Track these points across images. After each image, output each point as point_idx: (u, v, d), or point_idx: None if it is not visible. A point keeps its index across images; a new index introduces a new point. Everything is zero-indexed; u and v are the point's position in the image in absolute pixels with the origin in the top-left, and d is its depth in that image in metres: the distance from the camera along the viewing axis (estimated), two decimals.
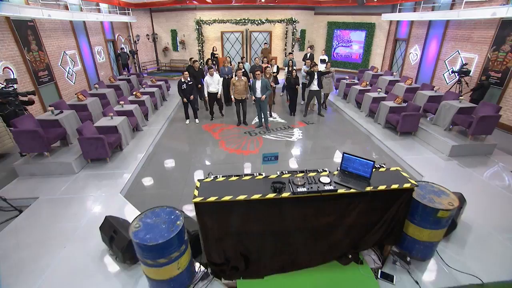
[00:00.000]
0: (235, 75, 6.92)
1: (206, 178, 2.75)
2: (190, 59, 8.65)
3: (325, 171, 2.92)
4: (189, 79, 6.97)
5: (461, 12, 7.38)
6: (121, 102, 6.55)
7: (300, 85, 8.68)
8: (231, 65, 8.96)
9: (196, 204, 2.46)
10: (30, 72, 7.15)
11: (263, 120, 6.96)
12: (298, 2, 12.61)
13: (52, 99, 7.73)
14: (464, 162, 5.19)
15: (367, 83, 8.74)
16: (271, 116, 7.95)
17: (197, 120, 7.57)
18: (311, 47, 11.21)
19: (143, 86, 8.37)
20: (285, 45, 13.66)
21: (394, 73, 9.69)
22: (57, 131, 5.20)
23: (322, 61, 10.78)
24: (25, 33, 7.05)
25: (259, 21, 11.67)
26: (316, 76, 7.45)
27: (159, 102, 8.52)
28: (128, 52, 12.51)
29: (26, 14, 6.40)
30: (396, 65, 12.10)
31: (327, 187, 2.56)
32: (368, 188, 2.60)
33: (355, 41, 13.41)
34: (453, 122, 6.01)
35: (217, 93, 7.15)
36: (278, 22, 11.87)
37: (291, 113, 8.10)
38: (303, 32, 13.84)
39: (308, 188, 2.53)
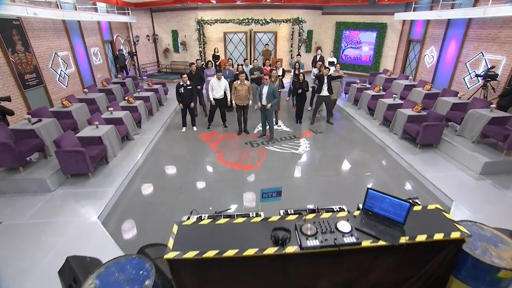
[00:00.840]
0: (238, 79, 6.30)
1: (187, 220, 2.10)
2: (196, 60, 8.04)
3: (343, 210, 2.24)
4: (188, 83, 6.37)
5: (488, 9, 6.62)
6: (110, 109, 5.97)
7: (310, 90, 8.03)
8: (233, 67, 8.33)
9: (169, 261, 1.82)
10: (14, 75, 6.62)
11: (267, 129, 6.29)
12: (305, 1, 11.93)
13: (41, 104, 7.19)
14: (500, 182, 4.44)
15: (380, 87, 8.01)
16: (276, 123, 7.29)
17: (194, 128, 6.95)
18: (319, 48, 10.54)
19: (138, 90, 7.79)
20: (291, 46, 13.01)
21: (410, 77, 8.93)
22: (33, 142, 4.62)
23: (331, 63, 10.10)
24: (9, 32, 6.53)
25: (263, 21, 11.04)
26: (326, 81, 6.77)
27: (155, 107, 7.93)
28: (126, 53, 11.99)
29: (8, 12, 5.87)
30: (409, 68, 11.33)
31: (347, 239, 1.89)
32: (403, 240, 1.92)
33: (365, 42, 12.67)
34: (483, 134, 5.26)
35: (222, 99, 6.52)
36: (283, 22, 11.22)
37: (297, 121, 7.42)
38: (310, 33, 13.16)
39: (321, 241, 1.87)
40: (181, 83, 6.33)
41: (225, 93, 6.49)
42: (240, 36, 13.15)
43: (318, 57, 10.24)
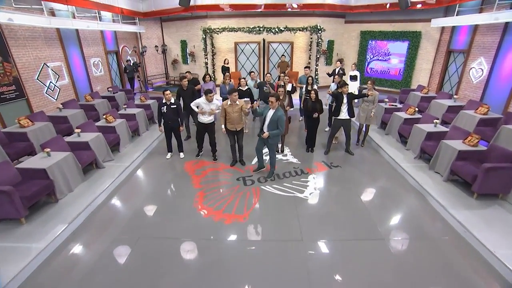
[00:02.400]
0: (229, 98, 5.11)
1: None
2: (187, 72, 7.01)
3: None
4: (172, 101, 5.25)
5: None
6: (77, 130, 4.96)
7: (327, 106, 6.64)
8: (231, 81, 7.19)
9: None
10: None
11: (267, 162, 4.92)
12: (325, 8, 10.63)
13: None
14: None
15: (415, 109, 6.40)
16: (282, 151, 5.92)
17: (181, 155, 5.76)
18: (341, 60, 9.13)
19: (125, 106, 6.81)
20: (309, 58, 11.67)
21: (455, 96, 7.20)
22: None
23: (353, 78, 8.66)
24: None
25: (277, 29, 9.86)
26: (345, 100, 5.35)
27: (143, 127, 6.90)
28: (132, 64, 11.34)
29: None
30: (448, 84, 9.52)
31: None
32: None
33: (395, 53, 11.05)
34: None
35: (211, 124, 5.26)
36: (299, 30, 9.96)
37: (308, 149, 5.99)
38: (330, 43, 11.79)
39: None
40: (163, 101, 5.22)
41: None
42: (252, 47, 12.09)
43: (337, 70, 8.88)
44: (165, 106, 5.20)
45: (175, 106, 5.22)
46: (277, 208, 4.05)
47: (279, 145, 6.03)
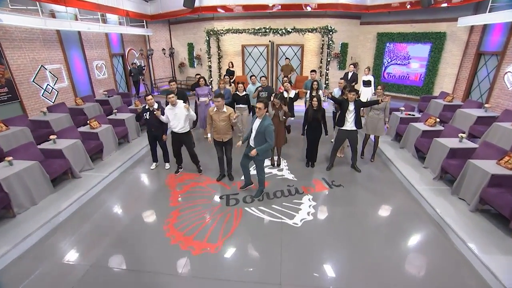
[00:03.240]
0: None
1: None
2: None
3: None
4: (156, 106, 4.76)
5: None
6: (52, 137, 4.58)
7: (331, 114, 5.96)
8: (231, 86, 6.63)
9: None
10: None
11: (257, 179, 4.27)
12: (339, 8, 9.87)
13: None
14: None
15: (437, 119, 5.50)
16: (278, 165, 5.25)
17: (167, 165, 5.25)
18: (355, 64, 8.34)
19: (115, 111, 6.43)
20: (321, 62, 10.91)
21: (487, 105, 6.18)
22: None
23: (366, 83, 7.85)
24: None
25: (284, 31, 9.23)
26: (352, 108, 4.61)
27: (134, 133, 6.48)
28: (137, 67, 11.14)
29: None
30: (477, 90, 8.42)
31: None
32: None
33: (415, 57, 10.05)
34: None
35: (185, 133, 4.67)
36: (308, 31, 9.26)
37: (308, 163, 5.28)
38: (344, 46, 10.98)
39: None
40: (146, 106, 4.74)
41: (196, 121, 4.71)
42: (260, 50, 11.54)
43: (350, 75, 8.11)
44: (148, 112, 4.71)
45: (158, 110, 4.72)
46: (258, 237, 3.38)
47: (275, 158, 5.36)
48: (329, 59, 9.53)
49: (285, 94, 5.87)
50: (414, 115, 6.31)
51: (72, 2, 7.43)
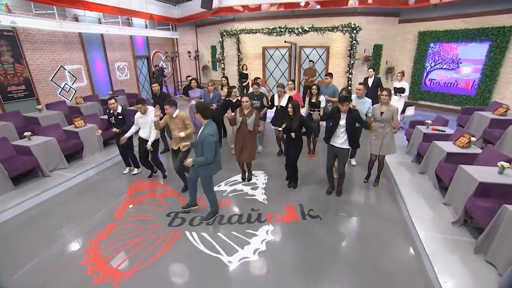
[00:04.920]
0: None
1: None
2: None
3: None
4: (119, 111, 4.51)
5: None
6: (26, 133, 4.63)
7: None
8: (222, 89, 6.11)
9: None
10: None
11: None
12: (374, 2, 8.56)
13: None
14: None
15: (471, 138, 4.12)
16: (248, 180, 4.53)
17: (135, 170, 4.96)
18: (371, 68, 6.94)
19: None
20: (348, 66, 9.66)
21: None
22: None
23: (398, 91, 6.47)
24: None
25: (300, 30, 8.36)
26: (344, 123, 3.67)
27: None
28: (159, 69, 11.42)
29: None
30: None
31: None
32: None
33: (467, 60, 8.20)
34: None
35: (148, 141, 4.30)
36: (328, 30, 8.22)
37: (290, 184, 4.41)
38: (377, 48, 9.57)
39: None
40: (111, 111, 4.50)
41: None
42: (282, 52, 10.79)
43: (370, 80, 6.89)
44: (113, 117, 4.47)
45: (121, 116, 4.45)
46: (178, 274, 2.73)
47: (246, 173, 4.62)
48: (352, 62, 8.30)
49: (276, 101, 5.14)
50: (444, 131, 4.91)
51: (92, 6, 7.82)
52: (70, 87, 8.19)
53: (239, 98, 5.55)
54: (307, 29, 8.17)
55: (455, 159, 3.91)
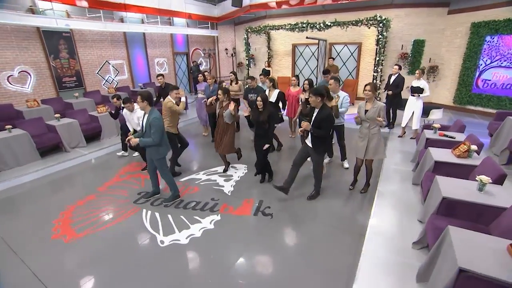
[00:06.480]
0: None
1: None
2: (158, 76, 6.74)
3: None
4: (122, 105, 5.03)
5: None
6: (56, 115, 5.64)
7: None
8: (231, 85, 6.32)
9: None
10: (53, 77, 7.74)
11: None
12: None
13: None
14: None
15: (470, 146, 3.40)
16: (225, 171, 4.64)
17: (136, 153, 5.53)
18: (400, 66, 6.16)
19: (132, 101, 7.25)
20: (375, 64, 8.74)
21: None
22: None
23: (415, 90, 5.71)
24: (56, 42, 7.67)
25: (322, 25, 7.94)
26: (313, 117, 3.49)
27: None
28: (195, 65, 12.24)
29: (31, 23, 6.76)
30: None
31: None
32: None
33: None
34: None
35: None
36: (352, 24, 7.58)
37: (262, 178, 4.36)
38: (418, 44, 8.45)
39: None
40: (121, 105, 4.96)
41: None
42: (312, 49, 10.41)
43: (392, 78, 6.28)
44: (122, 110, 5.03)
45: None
46: (113, 243, 3.04)
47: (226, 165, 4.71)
48: (379, 59, 7.52)
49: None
50: (454, 137, 4.16)
51: (133, 8, 8.87)
52: (113, 79, 9.47)
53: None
54: (329, 23, 7.72)
55: (445, 169, 3.32)
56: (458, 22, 7.99)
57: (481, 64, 7.67)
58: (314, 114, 3.46)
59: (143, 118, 3.42)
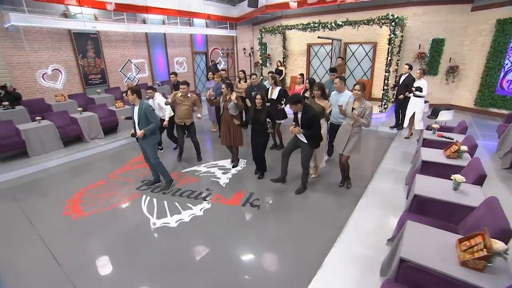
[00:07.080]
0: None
1: None
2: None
3: None
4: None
5: None
6: (79, 109, 6.24)
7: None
8: (240, 82, 6.56)
9: None
10: (80, 75, 8.51)
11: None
12: None
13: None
14: None
15: (460, 147, 3.32)
16: (234, 166, 4.90)
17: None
18: (410, 66, 5.97)
19: (147, 97, 7.77)
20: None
21: None
22: None
23: (417, 90, 5.59)
24: (84, 43, 8.43)
25: (333, 25, 7.89)
26: (299, 120, 3.63)
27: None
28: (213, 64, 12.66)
29: (64, 26, 7.50)
30: None
31: None
32: None
33: None
34: None
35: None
36: (364, 23, 7.44)
37: (257, 173, 4.57)
38: (437, 43, 8.10)
39: None
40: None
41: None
42: (327, 49, 10.34)
43: (402, 78, 6.16)
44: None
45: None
46: (112, 223, 3.41)
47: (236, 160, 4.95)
48: (390, 59, 7.32)
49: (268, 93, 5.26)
50: (452, 138, 4.04)
51: (154, 10, 9.43)
52: (134, 77, 10.14)
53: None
54: (341, 23, 7.67)
55: (434, 169, 3.28)
56: (482, 19, 7.55)
57: (506, 64, 7.21)
58: (299, 116, 3.59)
59: (133, 110, 3.76)
